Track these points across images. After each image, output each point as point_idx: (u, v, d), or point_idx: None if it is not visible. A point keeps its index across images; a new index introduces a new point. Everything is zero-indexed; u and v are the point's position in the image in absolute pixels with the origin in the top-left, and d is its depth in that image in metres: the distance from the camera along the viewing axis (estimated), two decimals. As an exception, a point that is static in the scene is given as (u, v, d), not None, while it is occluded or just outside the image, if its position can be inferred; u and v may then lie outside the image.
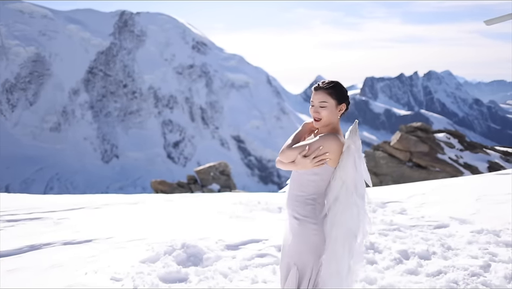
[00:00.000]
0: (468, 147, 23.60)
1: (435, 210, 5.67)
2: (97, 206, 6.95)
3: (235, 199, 7.00)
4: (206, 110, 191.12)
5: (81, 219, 5.65)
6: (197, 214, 5.85)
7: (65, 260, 3.80)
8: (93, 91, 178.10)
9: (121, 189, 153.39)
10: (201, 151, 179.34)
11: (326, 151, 2.13)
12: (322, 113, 2.20)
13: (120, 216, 5.86)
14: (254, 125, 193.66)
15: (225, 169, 28.76)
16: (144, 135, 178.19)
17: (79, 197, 8.18)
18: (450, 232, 4.71)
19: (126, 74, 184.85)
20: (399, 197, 6.68)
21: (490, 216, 5.21)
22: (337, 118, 2.25)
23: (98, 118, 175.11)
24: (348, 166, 2.12)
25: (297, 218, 2.18)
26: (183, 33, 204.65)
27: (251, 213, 5.85)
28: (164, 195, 8.28)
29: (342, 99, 2.22)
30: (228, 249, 4.15)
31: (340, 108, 2.22)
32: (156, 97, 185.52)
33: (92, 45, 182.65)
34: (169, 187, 27.93)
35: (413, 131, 22.66)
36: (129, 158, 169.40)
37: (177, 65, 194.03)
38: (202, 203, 6.91)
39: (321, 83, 2.25)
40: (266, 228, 4.94)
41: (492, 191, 6.62)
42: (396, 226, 4.92)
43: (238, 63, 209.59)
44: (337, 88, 2.22)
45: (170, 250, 3.91)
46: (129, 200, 7.61)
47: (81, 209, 6.66)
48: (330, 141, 2.13)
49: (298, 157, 2.13)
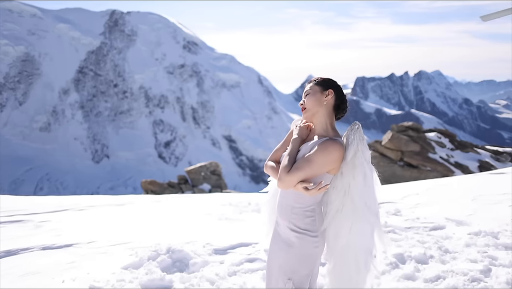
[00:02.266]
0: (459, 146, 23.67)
1: (430, 211, 5.52)
2: (82, 208, 6.70)
3: (225, 200, 6.79)
4: (197, 110, 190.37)
5: (64, 222, 5.40)
6: (185, 216, 5.63)
7: (43, 266, 3.56)
8: (84, 90, 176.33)
9: (112, 189, 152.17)
10: (192, 151, 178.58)
11: (327, 183, 1.96)
12: (307, 101, 2.08)
13: (105, 219, 5.62)
14: (246, 124, 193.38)
15: (216, 168, 28.52)
16: (135, 135, 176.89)
17: (64, 198, 7.91)
18: (446, 234, 4.56)
19: (116, 74, 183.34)
20: (392, 197, 6.53)
21: (487, 217, 5.07)
22: (328, 111, 2.07)
23: (88, 118, 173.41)
24: (357, 180, 1.94)
25: (295, 230, 2.01)
26: (174, 32, 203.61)
27: (241, 215, 5.64)
28: (152, 196, 8.04)
29: (328, 86, 2.08)
30: (215, 254, 3.95)
31: (327, 94, 2.06)
32: (147, 96, 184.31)
33: (82, 45, 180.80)
34: (160, 187, 27.61)
35: (405, 131, 22.65)
36: (120, 158, 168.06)
37: (168, 64, 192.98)
38: (191, 204, 6.69)
39: (311, 79, 2.17)
40: (256, 230, 4.74)
41: (487, 191, 6.50)
42: (391, 228, 4.76)
43: (230, 62, 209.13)
44: (324, 79, 2.11)
45: (154, 255, 3.69)
46: (115, 201, 7.37)
47: (65, 211, 6.41)
48: (332, 153, 1.92)
49: (298, 186, 1.94)
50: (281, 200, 2.09)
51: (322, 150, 1.92)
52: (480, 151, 23.56)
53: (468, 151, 23.19)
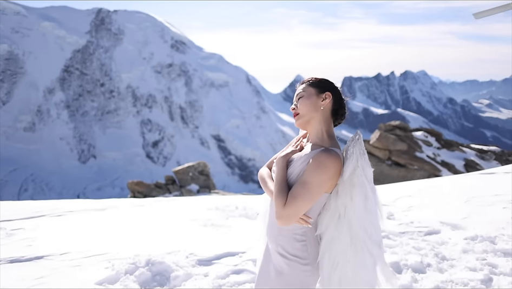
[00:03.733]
0: (445, 145, 23.82)
1: (424, 214, 5.33)
2: (60, 213, 6.35)
3: (211, 204, 6.51)
4: (185, 109, 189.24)
5: (38, 230, 5.06)
6: (168, 222, 5.33)
7: (7, 282, 3.24)
8: (69, 90, 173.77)
9: (99, 190, 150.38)
10: (180, 150, 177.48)
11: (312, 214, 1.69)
12: (300, 106, 1.79)
13: (83, 226, 5.29)
14: (234, 124, 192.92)
15: (204, 169, 28.18)
16: (122, 135, 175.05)
17: (42, 203, 7.53)
18: (442, 239, 4.36)
19: (103, 73, 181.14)
20: (384, 200, 6.33)
21: (482, 221, 4.89)
22: (325, 117, 1.78)
23: (74, 117, 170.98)
24: (356, 203, 1.63)
25: (284, 256, 1.72)
26: (162, 31, 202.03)
27: (228, 220, 5.37)
28: (135, 200, 7.72)
29: (325, 88, 1.79)
30: (199, 265, 3.67)
31: (324, 97, 1.77)
32: (134, 96, 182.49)
33: (67, 43, 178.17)
34: (146, 188, 27.16)
35: (392, 130, 22.69)
36: (107, 158, 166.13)
37: (155, 64, 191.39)
38: (175, 208, 6.40)
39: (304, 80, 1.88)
40: (243, 238, 4.48)
41: (479, 193, 6.35)
42: (385, 233, 4.54)
43: (218, 62, 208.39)
44: (319, 80, 1.82)
45: (132, 268, 3.40)
46: (96, 206, 7.02)
47: (42, 217, 6.05)
48: (328, 168, 1.62)
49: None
50: (269, 218, 1.81)
51: (317, 166, 1.62)
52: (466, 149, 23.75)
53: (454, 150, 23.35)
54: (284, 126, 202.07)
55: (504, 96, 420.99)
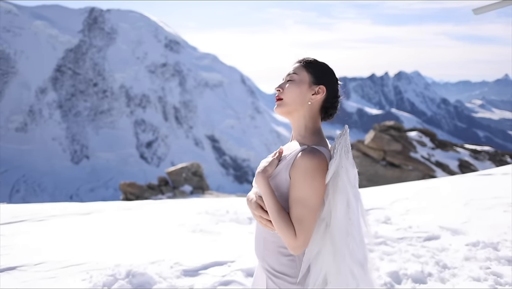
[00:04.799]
0: (440, 145, 23.79)
1: (422, 218, 5.11)
2: (42, 218, 6.06)
3: (201, 208, 6.25)
4: (180, 109, 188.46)
5: (16, 237, 4.78)
6: (155, 228, 5.07)
7: (-26, 297, 3.01)
8: (62, 90, 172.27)
9: (92, 191, 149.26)
10: (174, 151, 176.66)
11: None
12: (286, 90, 1.52)
13: (64, 232, 5.01)
14: (229, 124, 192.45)
15: (197, 169, 27.88)
16: (115, 135, 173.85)
17: (24, 207, 7.22)
18: (442, 245, 4.14)
19: (96, 73, 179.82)
20: (381, 203, 6.11)
21: (483, 225, 4.69)
22: (312, 113, 1.52)
23: (67, 117, 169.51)
24: (338, 211, 1.37)
25: (270, 273, 1.49)
26: (155, 31, 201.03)
27: (218, 225, 5.12)
28: (123, 203, 7.44)
29: (321, 79, 1.51)
30: (185, 276, 3.41)
31: (316, 91, 1.49)
32: (127, 96, 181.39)
33: (60, 43, 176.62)
34: (139, 189, 26.79)
35: (386, 130, 22.59)
36: (100, 159, 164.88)
37: (149, 63, 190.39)
38: (163, 212, 6.13)
39: (301, 58, 1.58)
40: (233, 245, 4.23)
41: (478, 195, 6.16)
42: (382, 239, 4.32)
43: (212, 62, 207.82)
44: (318, 65, 1.54)
45: (110, 280, 3.14)
46: (81, 210, 6.74)
47: (22, 222, 5.76)
48: (317, 172, 1.38)
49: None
50: (256, 230, 1.60)
51: (303, 175, 1.38)
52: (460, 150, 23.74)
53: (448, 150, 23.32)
54: (279, 127, 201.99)
55: (496, 96, 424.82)
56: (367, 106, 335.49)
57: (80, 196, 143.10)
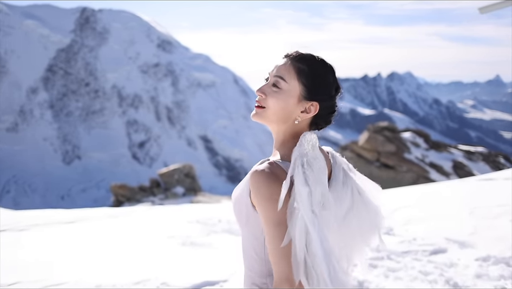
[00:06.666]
0: (433, 146, 23.71)
1: (426, 229, 4.85)
2: (24, 227, 5.70)
3: (192, 216, 5.93)
4: (172, 110, 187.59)
5: (-9, 250, 4.43)
6: (142, 240, 4.74)
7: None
8: (53, 89, 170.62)
9: (84, 191, 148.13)
10: (167, 151, 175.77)
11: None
12: (269, 98, 1.20)
13: (44, 244, 4.67)
14: (221, 124, 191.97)
15: (190, 171, 27.49)
16: (107, 135, 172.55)
17: (7, 214, 6.85)
18: (450, 260, 3.87)
19: (88, 73, 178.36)
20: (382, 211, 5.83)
21: (491, 237, 4.43)
22: (299, 128, 1.22)
23: (58, 117, 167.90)
24: (295, 240, 1.03)
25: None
26: (148, 31, 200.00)
27: (209, 237, 4.80)
28: (110, 210, 7.10)
29: (316, 94, 1.20)
30: (172, 299, 3.10)
31: (307, 108, 1.20)
32: (120, 96, 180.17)
33: (51, 42, 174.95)
34: (130, 191, 26.32)
35: (380, 131, 22.44)
36: (92, 159, 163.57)
37: (142, 63, 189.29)
38: (152, 222, 5.80)
39: (292, 52, 1.23)
40: (225, 260, 3.92)
41: (481, 203, 5.91)
42: (385, 253, 4.04)
43: (205, 62, 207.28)
44: (315, 74, 1.20)
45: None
46: (66, 218, 6.39)
47: (2, 232, 5.40)
48: (261, 192, 1.10)
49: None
50: (242, 243, 1.29)
51: (255, 194, 1.12)
52: (453, 150, 23.69)
53: (442, 151, 23.25)
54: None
55: (487, 96, 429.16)
56: (360, 106, 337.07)
57: (72, 196, 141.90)
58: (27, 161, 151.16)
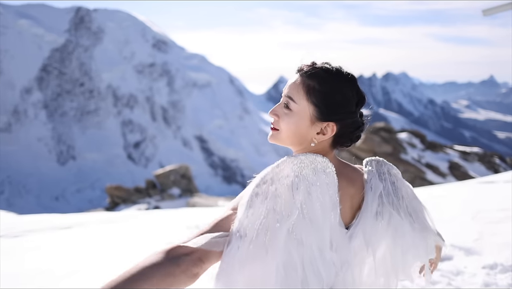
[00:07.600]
0: (429, 146, 23.73)
1: (430, 235, 4.77)
2: (17, 233, 5.57)
3: (191, 221, 5.82)
4: (168, 110, 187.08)
5: (-15, 259, 4.29)
6: (140, 246, 4.63)
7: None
8: (48, 89, 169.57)
9: (78, 192, 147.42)
10: (162, 151, 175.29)
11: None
12: (281, 121, 1.09)
13: (37, 253, 4.54)
14: (217, 124, 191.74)
15: (186, 172, 27.30)
16: (102, 135, 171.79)
17: (2, 218, 6.71)
18: (457, 268, 3.79)
19: (83, 73, 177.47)
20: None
21: (496, 243, 4.36)
22: (320, 148, 1.10)
23: (53, 118, 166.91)
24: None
25: None
26: (143, 31, 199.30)
27: (210, 244, 4.69)
28: (107, 214, 6.97)
29: (330, 112, 1.06)
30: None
31: (322, 130, 1.08)
32: (115, 96, 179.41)
33: (46, 42, 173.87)
34: (126, 192, 26.09)
35: (377, 132, 22.43)
36: (87, 160, 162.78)
37: (137, 63, 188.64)
38: (151, 227, 5.69)
39: (304, 65, 1.10)
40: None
41: (484, 206, 5.85)
42: (390, 260, 3.95)
43: (200, 62, 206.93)
44: (325, 83, 1.06)
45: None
46: (62, 223, 6.25)
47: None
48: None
49: None
50: None
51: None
52: (449, 151, 23.72)
53: (438, 152, 23.28)
54: (268, 127, 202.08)
55: (481, 97, 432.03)
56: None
57: (66, 197, 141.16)
58: (21, 161, 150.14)
